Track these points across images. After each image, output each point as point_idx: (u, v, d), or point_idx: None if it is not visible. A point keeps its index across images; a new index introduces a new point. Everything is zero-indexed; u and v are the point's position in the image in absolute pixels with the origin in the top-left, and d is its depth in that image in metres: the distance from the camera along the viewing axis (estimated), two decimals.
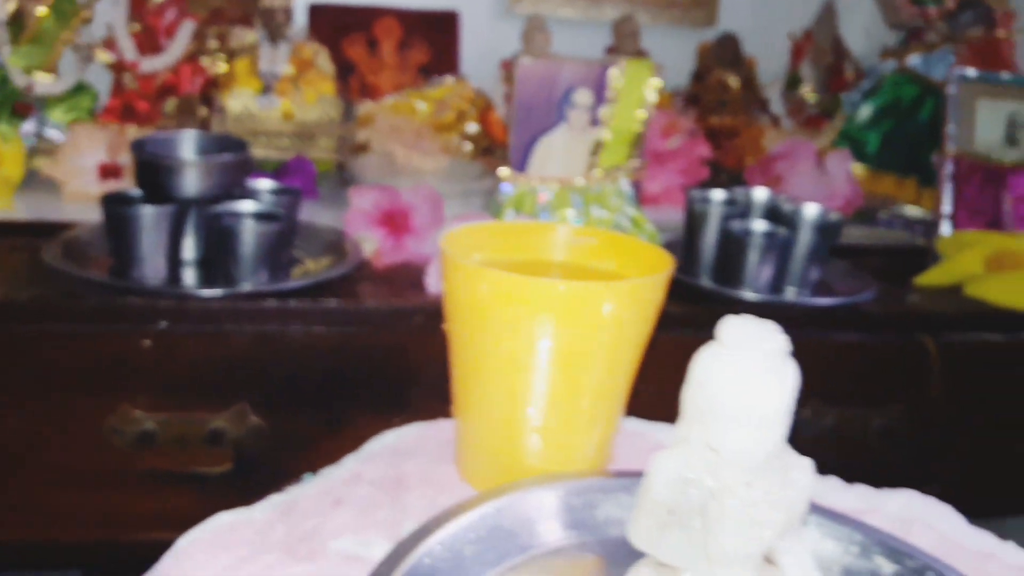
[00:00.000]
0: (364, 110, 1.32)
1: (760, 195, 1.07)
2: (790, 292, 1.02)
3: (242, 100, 1.20)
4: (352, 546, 0.48)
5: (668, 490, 0.37)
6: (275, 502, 0.51)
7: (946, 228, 1.22)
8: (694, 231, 1.03)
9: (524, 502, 0.50)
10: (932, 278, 1.14)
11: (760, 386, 0.35)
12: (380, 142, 1.27)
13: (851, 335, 1.01)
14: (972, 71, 1.28)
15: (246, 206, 0.86)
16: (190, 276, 0.88)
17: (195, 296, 0.83)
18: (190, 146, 0.91)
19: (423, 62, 1.45)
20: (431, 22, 1.52)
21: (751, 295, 0.96)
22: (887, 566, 0.47)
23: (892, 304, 1.05)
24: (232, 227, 0.83)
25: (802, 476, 0.38)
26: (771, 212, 1.05)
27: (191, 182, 0.85)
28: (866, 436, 1.01)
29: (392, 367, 0.88)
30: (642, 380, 0.57)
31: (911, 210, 1.36)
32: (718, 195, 1.05)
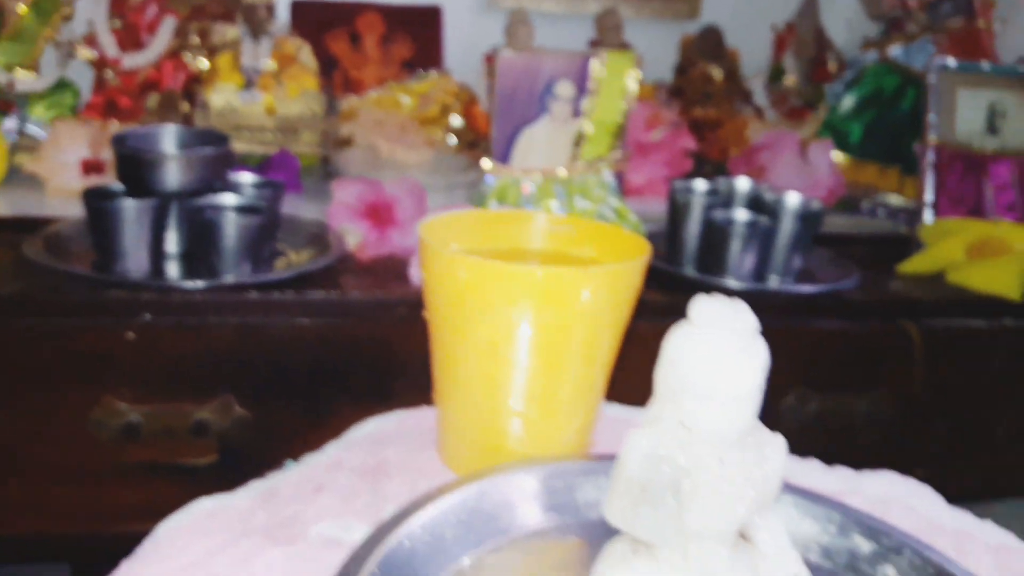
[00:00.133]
0: (347, 105, 1.32)
1: (743, 185, 1.08)
2: (773, 280, 1.02)
3: (224, 95, 1.20)
4: (333, 530, 0.48)
5: (642, 467, 0.37)
6: (256, 488, 0.52)
7: (928, 216, 1.23)
8: (677, 221, 1.03)
9: (504, 485, 0.50)
10: (915, 265, 1.14)
11: (731, 364, 0.36)
12: (364, 136, 1.27)
13: (834, 322, 1.01)
14: (952, 61, 1.28)
15: (228, 199, 0.86)
16: (173, 269, 0.88)
17: (178, 288, 0.83)
18: (171, 140, 0.91)
19: (406, 56, 1.45)
20: (414, 16, 1.52)
21: (734, 283, 0.97)
22: (865, 545, 0.48)
23: (875, 291, 1.06)
24: (214, 220, 0.83)
25: (775, 453, 0.38)
26: (754, 201, 1.05)
27: (172, 175, 0.85)
28: (850, 422, 1.01)
29: (376, 358, 0.88)
30: (625, 367, 0.58)
31: (894, 199, 1.37)
32: (701, 185, 1.06)
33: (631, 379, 0.58)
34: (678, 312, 0.37)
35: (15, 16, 1.18)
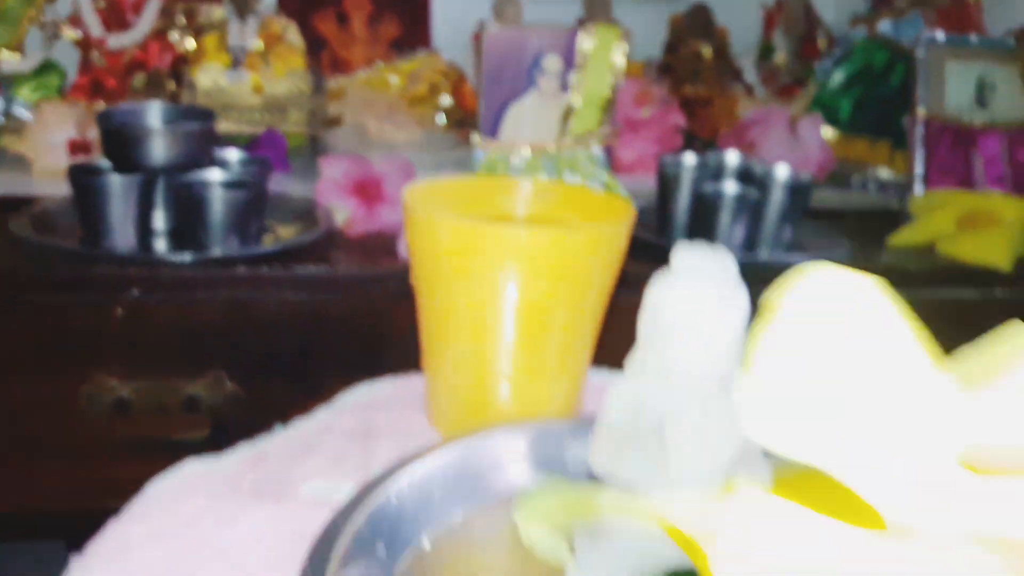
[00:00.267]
0: (336, 84, 1.32)
1: (732, 158, 1.08)
2: (763, 253, 1.02)
3: (211, 75, 1.19)
4: (322, 490, 0.48)
5: (625, 415, 0.37)
6: (244, 451, 0.52)
7: (918, 189, 1.23)
8: (666, 194, 1.03)
9: (493, 445, 0.50)
10: (905, 238, 1.14)
11: (712, 310, 0.36)
12: (352, 115, 1.26)
13: None
14: (941, 34, 1.28)
15: (214, 174, 0.86)
16: (160, 245, 0.88)
17: (166, 263, 0.83)
18: (157, 116, 0.91)
19: (394, 36, 1.44)
20: None
21: None
22: None
23: (866, 263, 1.06)
24: (201, 194, 0.83)
25: None
26: (743, 174, 1.05)
27: (158, 151, 0.84)
28: None
29: (366, 333, 0.88)
30: (615, 339, 0.58)
31: (884, 173, 1.37)
32: (690, 159, 1.06)
33: (621, 350, 0.58)
34: None
35: None
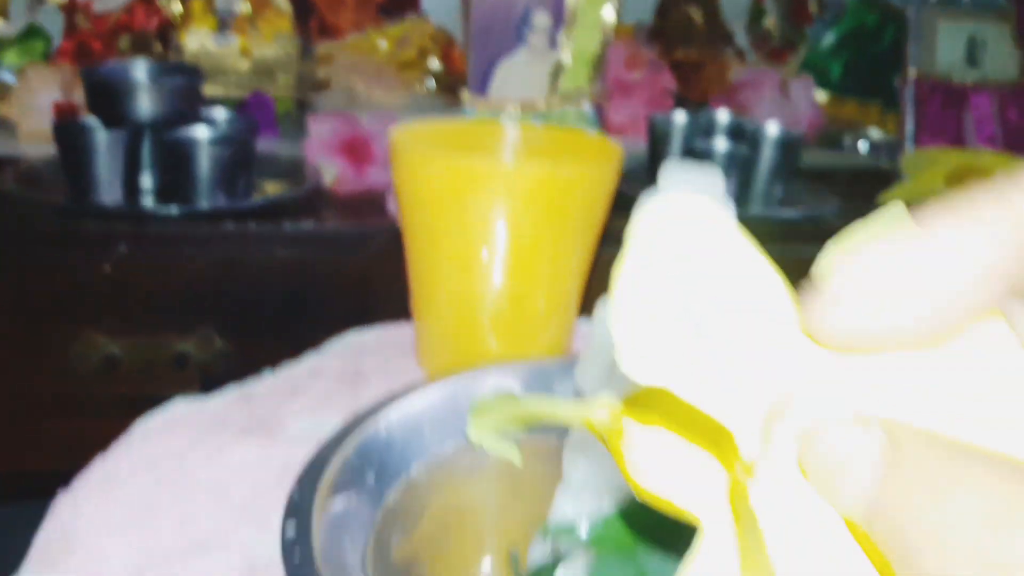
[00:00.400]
0: (324, 49, 1.30)
1: (722, 116, 1.07)
2: (755, 209, 1.02)
3: (198, 38, 1.18)
4: (310, 427, 0.48)
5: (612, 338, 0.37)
6: (232, 392, 0.51)
7: (909, 149, 1.22)
8: (657, 151, 1.03)
9: (483, 383, 0.50)
10: (896, 196, 1.14)
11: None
12: (341, 79, 1.25)
13: (816, 248, 1.01)
14: None
15: (201, 131, 0.85)
16: (147, 202, 0.87)
17: (153, 216, 0.82)
18: (142, 73, 0.90)
19: (382, 0, 1.43)
20: None
21: None
22: None
23: (856, 218, 1.06)
24: (187, 149, 0.82)
25: None
26: (734, 132, 1.05)
27: (143, 105, 0.84)
28: None
29: (356, 290, 0.88)
30: (604, 293, 0.57)
31: (875, 133, 1.36)
32: (680, 116, 1.05)
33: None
34: None
35: None
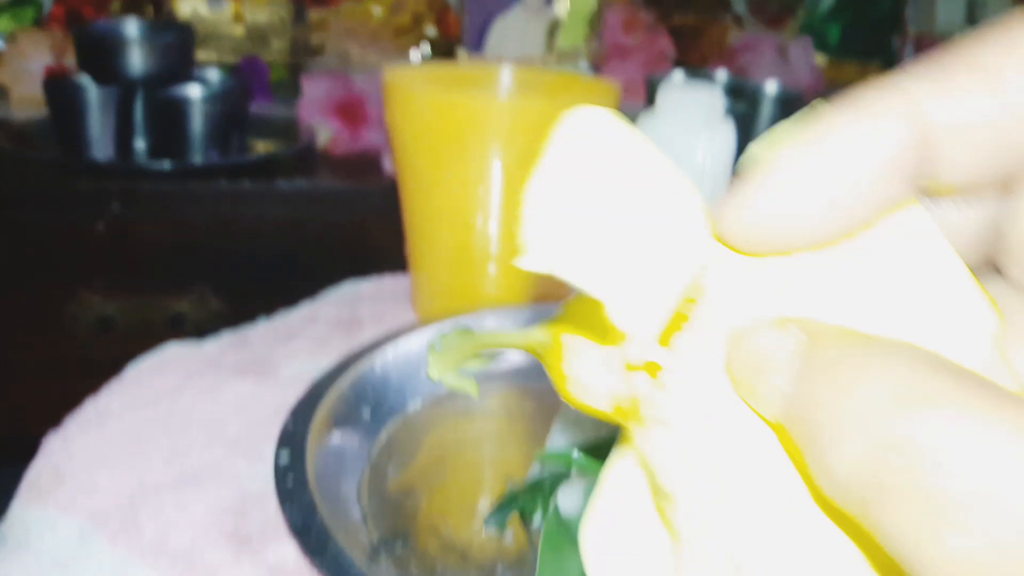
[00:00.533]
0: (318, 15, 1.29)
1: (721, 76, 1.06)
2: None
3: (191, 3, 1.17)
4: (304, 369, 0.47)
5: None
6: (227, 336, 0.51)
7: None
8: None
9: (480, 325, 0.49)
10: None
11: (696, 142, 0.35)
12: (335, 44, 1.24)
13: None
14: None
15: (194, 89, 0.84)
16: (140, 158, 0.86)
17: (146, 171, 0.81)
18: (134, 30, 0.88)
19: None
20: None
21: None
22: None
23: None
24: (180, 107, 0.81)
25: None
26: (733, 91, 1.03)
27: (136, 62, 0.82)
28: None
29: (352, 247, 0.87)
30: None
31: None
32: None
33: None
34: None
35: None
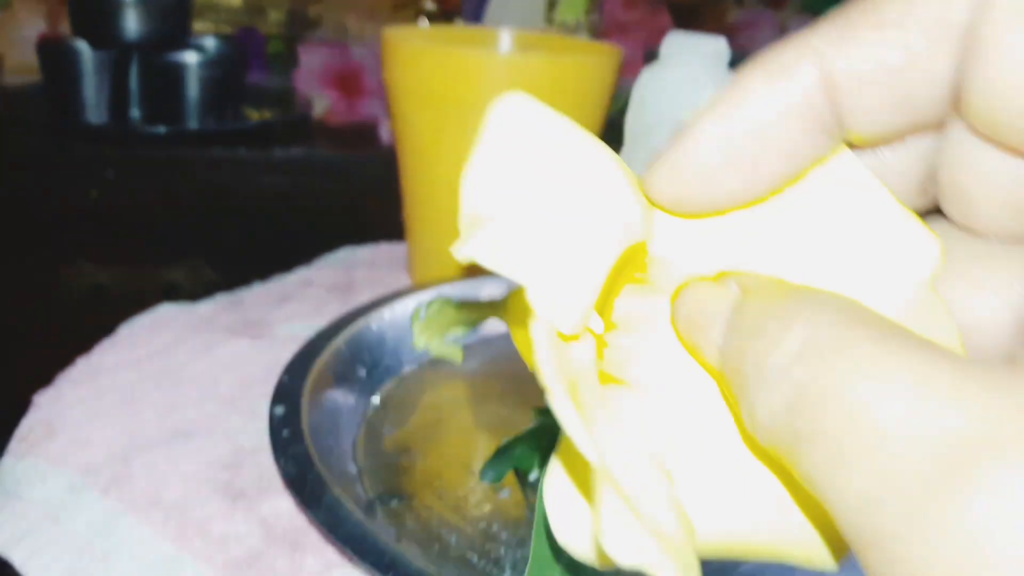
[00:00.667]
0: None
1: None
2: None
3: None
4: (299, 329, 0.47)
5: None
6: (221, 297, 0.50)
7: None
8: None
9: (476, 290, 0.49)
10: None
11: (699, 95, 0.34)
12: (333, 17, 1.23)
13: None
14: None
15: (190, 55, 0.83)
16: (135, 124, 0.85)
17: (140, 136, 0.80)
18: None
19: None
20: None
21: None
22: None
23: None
24: (176, 71, 0.80)
25: None
26: (733, 65, 1.03)
27: (131, 25, 0.81)
28: None
29: (348, 217, 0.86)
30: None
31: None
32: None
33: None
34: None
35: None
